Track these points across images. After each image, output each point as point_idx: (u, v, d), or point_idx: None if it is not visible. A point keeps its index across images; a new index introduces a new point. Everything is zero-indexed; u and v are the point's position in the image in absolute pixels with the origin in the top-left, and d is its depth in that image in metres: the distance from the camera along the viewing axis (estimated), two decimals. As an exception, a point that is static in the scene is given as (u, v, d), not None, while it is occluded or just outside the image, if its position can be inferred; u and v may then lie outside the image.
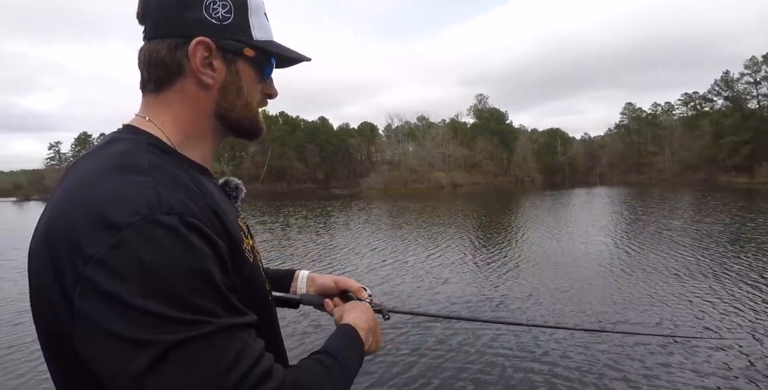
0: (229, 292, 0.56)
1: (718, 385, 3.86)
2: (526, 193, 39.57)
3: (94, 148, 0.66)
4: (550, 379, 4.07)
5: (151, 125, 0.67)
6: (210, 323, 0.53)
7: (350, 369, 0.73)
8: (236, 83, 0.70)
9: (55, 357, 0.60)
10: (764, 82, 57.67)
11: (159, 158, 0.62)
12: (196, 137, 0.71)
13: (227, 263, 0.59)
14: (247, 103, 0.73)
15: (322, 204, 30.79)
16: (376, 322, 0.90)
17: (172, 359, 0.50)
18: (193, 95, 0.69)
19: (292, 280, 1.02)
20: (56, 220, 0.56)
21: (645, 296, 6.52)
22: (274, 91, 0.78)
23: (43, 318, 0.59)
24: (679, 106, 71.83)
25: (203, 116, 0.70)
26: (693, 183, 49.35)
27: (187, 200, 0.58)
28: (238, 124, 0.73)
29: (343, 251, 11.33)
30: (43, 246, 0.56)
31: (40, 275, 0.57)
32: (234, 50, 0.69)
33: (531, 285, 7.41)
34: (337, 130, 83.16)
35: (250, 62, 0.71)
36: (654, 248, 10.20)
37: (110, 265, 0.50)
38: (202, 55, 0.66)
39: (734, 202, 22.20)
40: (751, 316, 5.53)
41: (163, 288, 0.51)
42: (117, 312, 0.50)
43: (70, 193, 0.58)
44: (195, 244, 0.54)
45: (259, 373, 0.55)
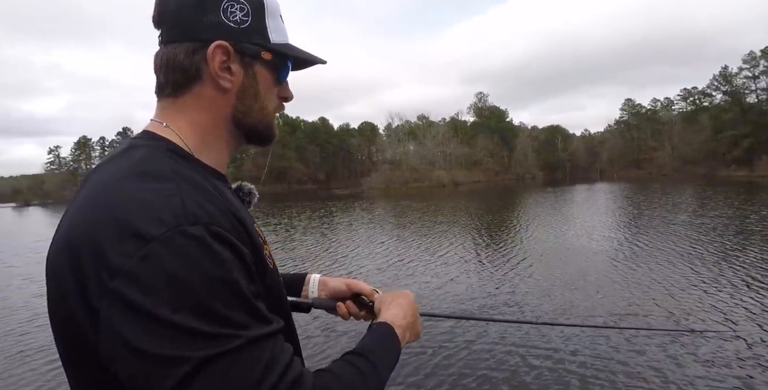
0: (256, 301, 0.56)
1: (732, 376, 3.89)
2: (528, 191, 39.54)
3: (113, 154, 0.65)
4: (563, 376, 4.08)
5: (168, 131, 0.67)
6: (240, 336, 0.52)
7: (385, 371, 0.71)
8: (254, 87, 0.70)
9: (76, 368, 0.60)
10: (762, 76, 57.70)
11: (179, 165, 0.62)
12: (213, 142, 0.70)
13: (252, 271, 0.58)
14: (263, 107, 0.72)
15: (325, 205, 30.82)
16: (416, 317, 0.87)
17: (203, 375, 0.50)
18: (211, 100, 0.68)
19: (304, 283, 1.00)
20: (79, 230, 0.55)
21: (657, 290, 6.55)
22: (290, 94, 0.77)
23: (65, 330, 0.58)
24: (679, 101, 71.98)
25: (220, 121, 0.70)
26: (693, 177, 49.31)
27: (212, 208, 0.57)
28: (254, 128, 0.73)
29: (349, 252, 11.34)
30: (65, 256, 0.55)
31: (61, 286, 0.56)
32: (252, 54, 0.68)
33: (540, 282, 7.44)
34: (337, 131, 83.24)
35: (267, 65, 0.71)
36: (662, 242, 10.22)
37: (139, 278, 0.50)
38: (221, 59, 0.66)
39: (736, 196, 22.20)
40: (758, 308, 5.58)
41: (193, 301, 0.50)
42: (146, 327, 0.49)
43: (91, 201, 0.57)
44: (222, 254, 0.54)
45: (290, 381, 0.55)
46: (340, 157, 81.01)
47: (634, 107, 77.69)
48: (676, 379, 3.92)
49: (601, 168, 75.80)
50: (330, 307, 0.98)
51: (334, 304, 0.97)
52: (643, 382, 3.91)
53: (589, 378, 4.04)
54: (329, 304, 0.98)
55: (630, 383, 3.92)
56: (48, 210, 48.68)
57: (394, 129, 78.69)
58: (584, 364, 4.29)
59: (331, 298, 0.99)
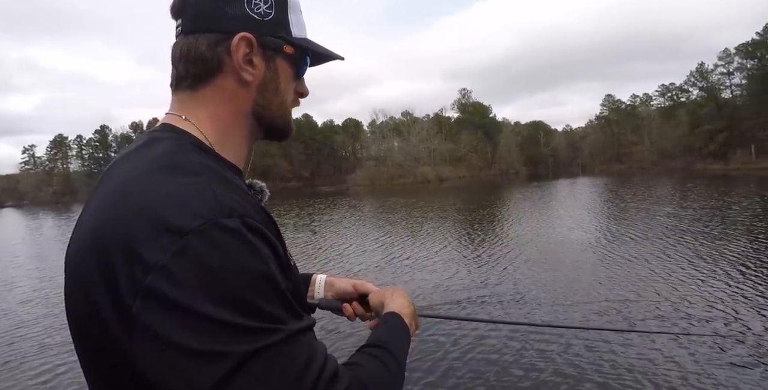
0: (290, 295, 0.55)
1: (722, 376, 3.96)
2: (514, 186, 39.94)
3: (133, 148, 0.63)
4: (549, 376, 4.09)
5: (188, 124, 0.65)
6: (281, 330, 0.51)
7: (402, 359, 0.73)
8: (274, 81, 0.69)
9: (99, 372, 0.57)
10: (737, 73, 59.37)
11: (205, 158, 0.60)
12: (232, 137, 0.68)
13: (284, 265, 0.58)
14: (283, 102, 0.71)
15: (313, 202, 30.66)
16: (414, 308, 0.88)
17: (245, 371, 0.49)
18: (232, 93, 0.66)
19: (309, 284, 0.99)
20: (106, 226, 0.53)
21: (658, 288, 6.68)
22: (306, 90, 0.76)
23: (89, 331, 0.55)
24: (657, 96, 73.49)
25: (240, 115, 0.68)
26: (671, 171, 50.52)
27: (243, 202, 0.56)
28: (273, 123, 0.72)
29: (343, 250, 11.29)
30: (91, 254, 0.53)
31: (86, 286, 0.53)
32: (274, 47, 0.67)
33: (533, 281, 7.49)
34: (321, 127, 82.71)
35: (288, 60, 0.69)
36: (651, 235, 10.43)
37: (175, 272, 0.48)
38: (244, 51, 0.65)
39: (716, 188, 22.83)
40: (743, 306, 5.72)
41: (233, 295, 0.49)
42: (185, 323, 0.48)
43: (117, 196, 0.55)
44: (258, 247, 0.53)
45: (328, 376, 0.54)
46: (325, 154, 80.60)
47: (614, 103, 79.07)
48: (675, 379, 3.93)
49: (583, 163, 77.00)
50: (336, 308, 0.96)
51: (341, 305, 0.96)
52: (633, 381, 3.91)
53: (572, 377, 4.04)
54: (335, 305, 0.96)
55: (616, 381, 3.91)
56: (24, 211, 47.31)
57: (378, 125, 78.61)
58: (572, 364, 4.28)
59: (338, 299, 0.98)
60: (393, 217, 18.68)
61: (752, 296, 5.89)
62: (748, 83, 56.42)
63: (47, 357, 5.21)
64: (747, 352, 4.33)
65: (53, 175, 73.72)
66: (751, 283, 6.45)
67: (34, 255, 14.37)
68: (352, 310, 0.96)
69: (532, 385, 3.96)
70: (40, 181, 71.10)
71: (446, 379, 4.17)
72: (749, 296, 5.89)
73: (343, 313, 0.96)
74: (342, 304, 0.96)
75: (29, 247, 16.90)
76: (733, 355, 4.26)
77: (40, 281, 9.72)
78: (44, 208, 49.99)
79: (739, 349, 4.39)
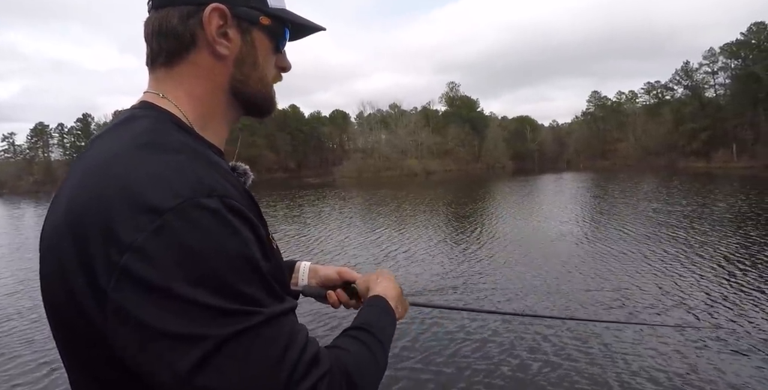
0: (271, 278, 0.54)
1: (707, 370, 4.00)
2: (501, 180, 40.16)
3: (112, 125, 0.61)
4: (538, 366, 4.13)
5: (166, 102, 0.63)
6: (260, 313, 0.50)
7: (386, 342, 0.72)
8: (252, 54, 0.66)
9: (77, 356, 0.56)
10: (721, 72, 60.35)
11: (185, 137, 0.59)
12: (212, 115, 0.66)
13: (266, 247, 0.57)
14: (263, 77, 0.68)
15: (304, 193, 30.40)
16: (401, 290, 0.88)
17: (224, 354, 0.47)
18: (208, 68, 0.64)
19: (293, 271, 0.98)
20: (82, 205, 0.51)
21: (644, 281, 6.77)
22: (288, 64, 0.73)
23: (65, 314, 0.53)
24: (642, 94, 74.37)
25: (218, 91, 0.65)
26: (655, 168, 51.38)
27: (224, 182, 0.55)
28: (253, 99, 0.69)
29: (333, 242, 11.20)
30: (66, 234, 0.51)
31: (61, 268, 0.52)
32: (249, 18, 0.64)
33: (523, 274, 7.56)
34: (308, 118, 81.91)
35: (265, 32, 0.67)
36: (641, 231, 10.57)
37: (151, 252, 0.47)
38: (217, 24, 0.62)
39: (702, 186, 23.28)
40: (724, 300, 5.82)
41: (211, 276, 0.48)
42: (161, 305, 0.46)
43: (94, 173, 0.53)
44: (239, 228, 0.51)
45: (308, 359, 0.53)
46: (311, 145, 79.94)
47: (600, 99, 79.86)
48: (659, 372, 3.97)
49: (568, 158, 77.80)
50: (320, 295, 0.95)
51: (325, 292, 0.95)
52: (623, 373, 3.95)
53: (560, 368, 4.11)
54: (319, 292, 0.95)
55: (601, 373, 3.97)
56: (3, 201, 46.02)
57: (365, 117, 78.12)
58: (559, 355, 4.37)
59: (322, 286, 0.97)
60: (383, 210, 18.62)
61: (738, 289, 5.99)
62: (732, 83, 57.43)
63: (35, 352, 5.05)
64: (733, 340, 4.43)
65: (34, 163, 71.78)
66: (739, 276, 6.56)
67: (16, 245, 13.98)
68: (336, 298, 0.95)
69: (521, 374, 4.03)
70: (20, 169, 69.17)
71: (433, 366, 4.22)
72: (732, 288, 5.99)
73: (327, 300, 0.95)
74: (326, 292, 0.95)
75: (12, 237, 16.44)
76: (720, 346, 4.33)
77: (25, 272, 9.44)
78: (25, 197, 48.68)
79: (728, 340, 4.46)
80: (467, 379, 4.03)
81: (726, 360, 4.15)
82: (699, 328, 4.83)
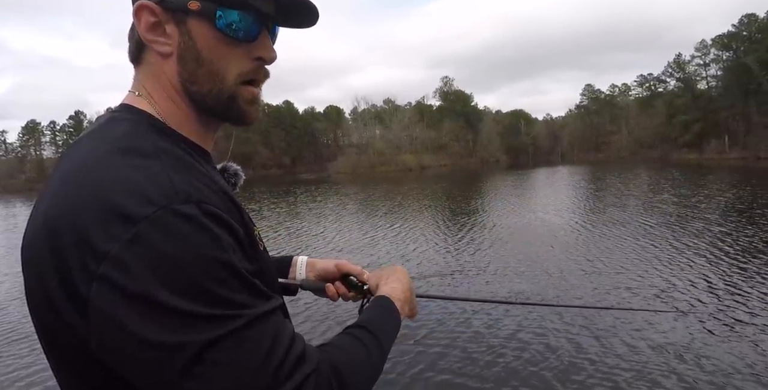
0: (253, 279, 0.54)
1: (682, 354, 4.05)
2: (497, 174, 40.28)
3: (91, 129, 0.61)
4: (530, 353, 4.20)
5: (140, 100, 0.62)
6: (241, 316, 0.50)
7: (387, 343, 0.70)
8: (191, 47, 0.60)
9: (63, 361, 0.56)
10: (713, 64, 60.71)
11: (162, 140, 0.57)
12: (180, 115, 0.63)
13: (247, 250, 0.56)
14: (213, 72, 0.61)
15: (294, 189, 30.35)
16: (412, 291, 0.86)
17: (207, 360, 0.48)
18: (157, 67, 0.62)
19: (290, 265, 0.98)
20: (59, 213, 0.51)
21: (648, 272, 6.86)
22: (267, 54, 0.64)
23: (48, 321, 0.53)
24: (635, 87, 74.70)
25: (173, 91, 0.62)
26: (648, 160, 51.69)
27: (201, 185, 0.54)
28: (207, 101, 0.62)
29: (327, 237, 11.20)
30: (44, 242, 0.51)
31: (41, 275, 0.51)
32: (176, 6, 0.59)
33: (526, 264, 7.63)
34: (302, 114, 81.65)
35: (202, 18, 0.59)
36: (644, 223, 10.67)
37: (128, 261, 0.46)
38: (147, 21, 0.59)
39: (701, 177, 23.55)
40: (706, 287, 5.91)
41: (190, 283, 0.48)
42: (142, 313, 0.46)
43: (70, 180, 0.53)
44: (217, 233, 0.51)
45: (293, 359, 0.53)
46: (306, 141, 79.75)
47: (593, 92, 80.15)
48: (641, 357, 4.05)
49: (562, 151, 78.17)
50: (319, 288, 0.96)
51: (323, 286, 0.95)
52: (603, 358, 4.03)
53: (543, 353, 4.23)
54: (318, 285, 0.96)
55: (584, 358, 4.07)
56: (-6, 199, 45.56)
57: (360, 113, 77.97)
58: (542, 341, 4.47)
59: (320, 280, 0.97)
60: (381, 204, 18.64)
61: (727, 277, 6.08)
62: (723, 75, 57.77)
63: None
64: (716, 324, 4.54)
65: (26, 161, 71.20)
66: (732, 266, 6.66)
67: (13, 245, 13.88)
68: (334, 290, 0.95)
69: (524, 361, 4.10)
70: (11, 168, 68.63)
71: (433, 356, 4.28)
72: (727, 277, 6.09)
73: (326, 293, 0.95)
74: (325, 285, 0.96)
75: (4, 237, 16.31)
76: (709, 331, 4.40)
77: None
78: (17, 195, 48.27)
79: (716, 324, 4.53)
80: (466, 368, 4.09)
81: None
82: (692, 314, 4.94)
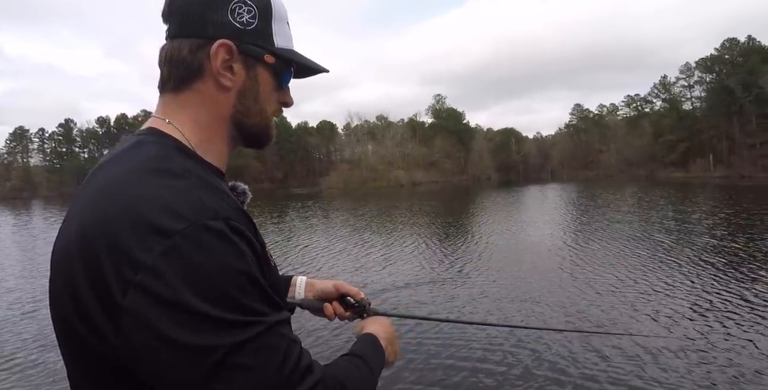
0: (270, 290, 0.59)
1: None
2: (489, 191, 40.41)
3: (120, 150, 0.65)
4: (501, 374, 4.15)
5: (171, 127, 0.67)
6: (261, 323, 0.55)
7: (376, 371, 0.77)
8: (254, 88, 0.71)
9: (86, 369, 0.59)
10: (697, 86, 62.60)
11: (188, 163, 0.63)
12: (214, 141, 0.70)
13: (263, 264, 0.61)
14: (262, 110, 0.73)
15: (286, 204, 30.33)
16: (395, 336, 0.93)
17: (232, 362, 0.52)
18: (212, 97, 0.69)
19: (290, 285, 1.02)
20: (95, 227, 0.55)
21: (650, 296, 6.99)
22: (290, 100, 0.78)
23: (74, 329, 0.56)
24: (623, 106, 76.62)
25: (220, 120, 0.70)
26: (636, 178, 52.52)
27: (225, 204, 0.59)
28: (251, 130, 0.73)
29: (319, 254, 11.30)
30: (77, 253, 0.55)
31: (73, 286, 0.55)
32: (255, 55, 0.69)
33: (514, 285, 7.74)
34: (295, 129, 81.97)
35: (269, 69, 0.71)
36: (632, 243, 10.87)
37: (164, 271, 0.51)
38: (223, 58, 0.67)
39: (694, 196, 24.03)
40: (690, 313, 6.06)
41: (218, 291, 0.52)
42: (174, 318, 0.50)
43: (104, 198, 0.57)
44: (241, 247, 0.56)
45: (304, 367, 0.58)
46: (299, 156, 79.95)
47: (582, 112, 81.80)
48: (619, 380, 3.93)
49: (552, 169, 79.11)
50: (317, 308, 0.99)
51: (322, 305, 0.99)
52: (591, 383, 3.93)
53: (515, 376, 4.07)
54: (316, 305, 0.99)
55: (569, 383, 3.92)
56: (-21, 209, 44.79)
57: (353, 128, 78.58)
58: (521, 363, 4.31)
59: (319, 300, 1.01)
60: (374, 222, 18.72)
61: (707, 300, 6.24)
62: (707, 96, 59.44)
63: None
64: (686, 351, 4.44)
65: (12, 168, 70.21)
66: (712, 287, 6.83)
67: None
68: (332, 310, 0.99)
69: (493, 381, 3.99)
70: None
71: (411, 376, 4.14)
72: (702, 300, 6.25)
73: (324, 312, 0.99)
74: (323, 304, 0.99)
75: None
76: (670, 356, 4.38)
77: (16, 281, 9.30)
78: (1, 203, 47.53)
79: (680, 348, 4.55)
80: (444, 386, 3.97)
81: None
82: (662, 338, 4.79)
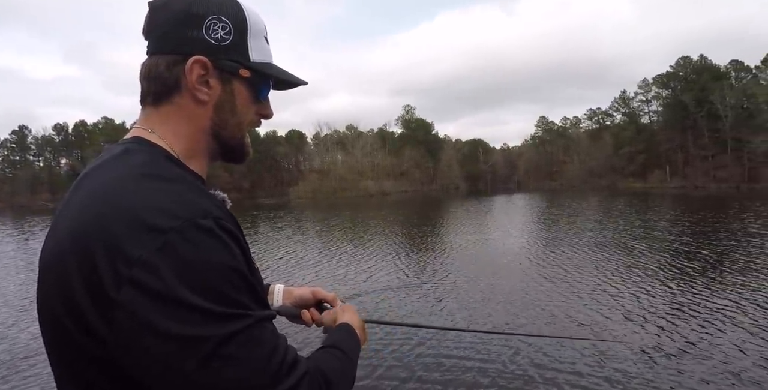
0: (257, 287, 0.61)
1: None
2: (459, 201, 40.89)
3: (108, 157, 0.67)
4: (475, 379, 4.15)
5: (155, 137, 0.70)
6: (250, 316, 0.57)
7: (355, 360, 0.81)
8: (231, 102, 0.73)
9: (73, 367, 0.59)
10: (654, 100, 65.74)
11: (178, 170, 0.66)
12: (194, 152, 0.73)
13: (250, 265, 0.63)
14: (239, 122, 0.75)
15: (257, 215, 29.63)
16: (363, 323, 0.97)
17: (222, 354, 0.54)
18: (190, 111, 0.71)
19: (268, 293, 1.02)
20: (89, 226, 0.56)
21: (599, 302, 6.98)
22: (270, 112, 0.80)
23: (63, 327, 0.57)
24: (585, 119, 79.41)
25: (199, 132, 0.72)
26: (598, 188, 54.29)
27: (215, 206, 0.62)
28: (229, 143, 0.75)
29: (297, 262, 11.00)
30: (69, 252, 0.56)
31: (64, 284, 0.56)
32: (229, 70, 0.71)
33: (489, 292, 7.64)
34: (263, 138, 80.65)
35: (245, 83, 0.73)
36: (593, 250, 11.00)
37: (158, 265, 0.52)
38: (198, 73, 0.69)
39: (655, 205, 24.91)
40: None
41: (209, 285, 0.54)
42: (168, 310, 0.52)
43: (98, 200, 0.59)
44: (230, 244, 0.58)
45: (290, 360, 0.60)
46: (266, 165, 78.72)
47: (547, 124, 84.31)
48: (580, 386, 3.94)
49: (519, 179, 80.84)
50: (295, 315, 0.99)
51: (299, 312, 0.99)
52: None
53: (492, 380, 4.06)
54: (294, 312, 0.99)
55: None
56: None
57: (322, 138, 78.17)
58: (501, 369, 4.30)
59: (296, 306, 1.01)
60: (343, 232, 18.44)
61: (667, 306, 6.29)
62: (663, 110, 62.31)
63: None
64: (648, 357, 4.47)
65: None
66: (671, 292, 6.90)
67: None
68: (309, 316, 1.00)
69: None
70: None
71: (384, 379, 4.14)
72: (665, 306, 6.29)
73: (302, 319, 0.99)
74: (301, 311, 0.99)
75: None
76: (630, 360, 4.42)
77: None
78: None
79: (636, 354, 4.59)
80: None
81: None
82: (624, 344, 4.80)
